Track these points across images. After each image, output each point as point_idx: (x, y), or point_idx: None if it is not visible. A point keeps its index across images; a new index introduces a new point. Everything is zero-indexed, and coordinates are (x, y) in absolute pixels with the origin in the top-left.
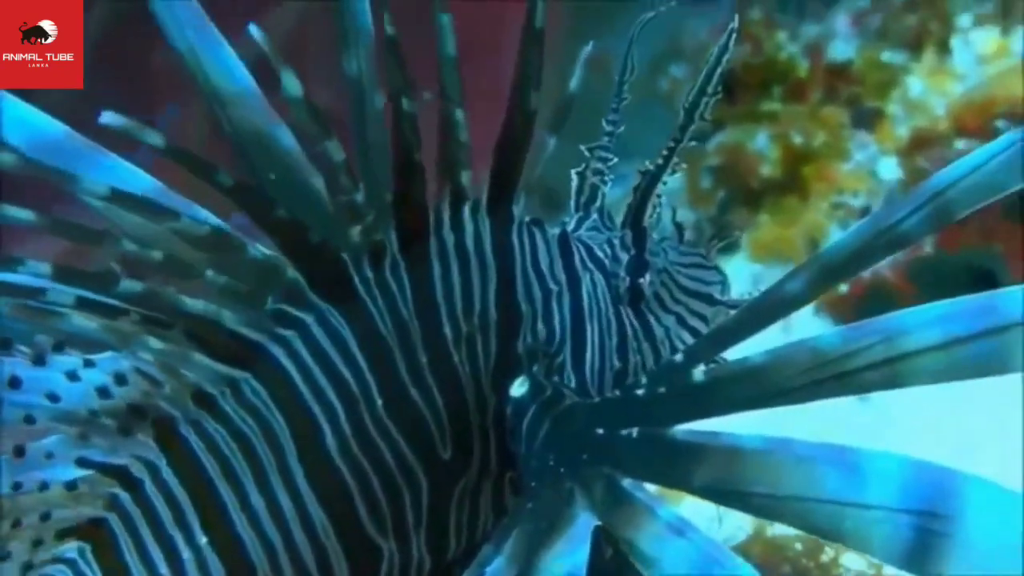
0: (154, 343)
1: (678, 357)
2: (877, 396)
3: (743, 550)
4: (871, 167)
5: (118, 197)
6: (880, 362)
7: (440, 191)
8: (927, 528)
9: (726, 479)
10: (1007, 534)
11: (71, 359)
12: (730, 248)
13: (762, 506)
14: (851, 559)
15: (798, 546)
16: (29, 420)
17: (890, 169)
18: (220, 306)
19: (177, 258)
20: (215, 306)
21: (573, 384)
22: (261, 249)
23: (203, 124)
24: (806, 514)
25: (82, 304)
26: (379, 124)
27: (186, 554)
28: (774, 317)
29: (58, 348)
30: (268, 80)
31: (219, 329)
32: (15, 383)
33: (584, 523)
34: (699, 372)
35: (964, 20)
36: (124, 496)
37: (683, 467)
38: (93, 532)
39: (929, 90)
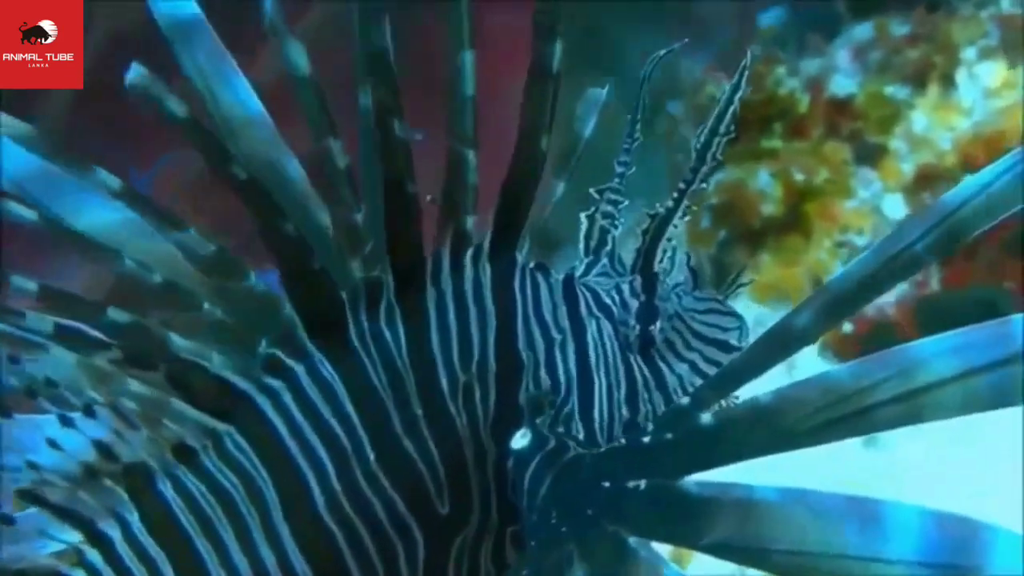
0: (135, 387)
1: (684, 401)
2: (885, 441)
3: None
4: (876, 204)
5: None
6: (896, 397)
7: (442, 236)
8: None
9: (741, 536)
10: None
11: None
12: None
13: (779, 564)
14: None
15: None
16: None
17: (895, 206)
18: (210, 346)
19: (176, 284)
20: (204, 348)
21: (581, 435)
22: (262, 282)
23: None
24: (828, 572)
25: (61, 334)
26: None
27: None
28: (783, 354)
29: (31, 395)
30: (279, 111)
31: (206, 375)
32: None
33: None
34: (707, 417)
35: (969, 53)
36: (92, 552)
37: (694, 523)
38: None
39: (934, 125)
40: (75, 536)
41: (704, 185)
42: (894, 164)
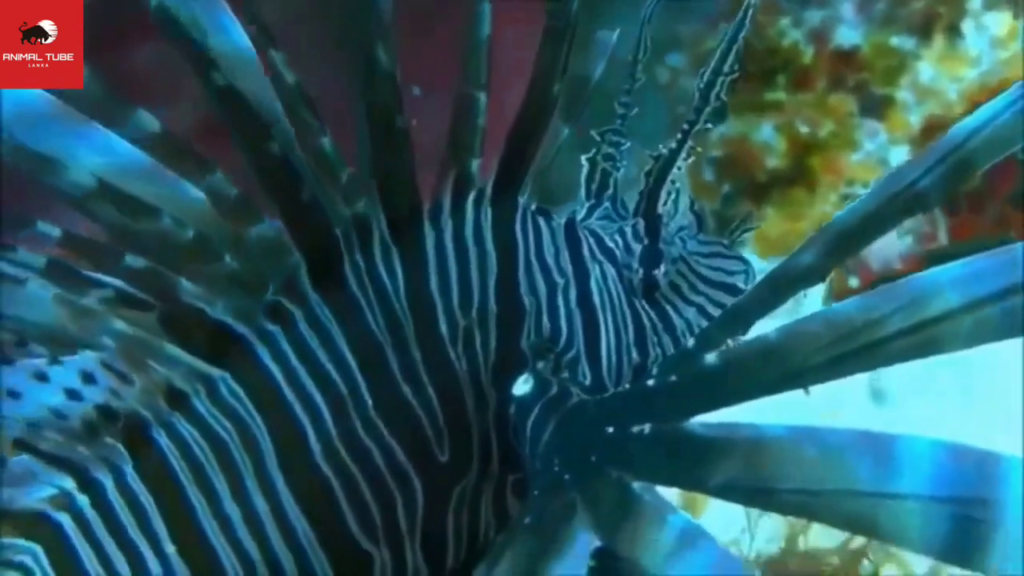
0: (119, 326)
1: (690, 343)
2: (893, 396)
3: (777, 565)
4: (882, 156)
5: (105, 192)
6: (905, 329)
7: (445, 177)
8: (967, 516)
9: (748, 476)
10: None
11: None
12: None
13: (788, 503)
14: (891, 572)
15: (835, 559)
16: None
17: (902, 158)
18: (221, 293)
19: (207, 237)
20: (212, 294)
21: (588, 380)
22: (273, 227)
23: (190, 121)
24: (838, 509)
25: (52, 271)
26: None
27: (152, 564)
28: (789, 293)
29: (21, 344)
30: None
31: (202, 318)
32: None
33: (582, 546)
34: (712, 357)
35: (975, 2)
36: (81, 498)
37: (700, 465)
38: (45, 533)
39: (941, 75)
40: (69, 482)
41: (708, 125)
42: (900, 115)
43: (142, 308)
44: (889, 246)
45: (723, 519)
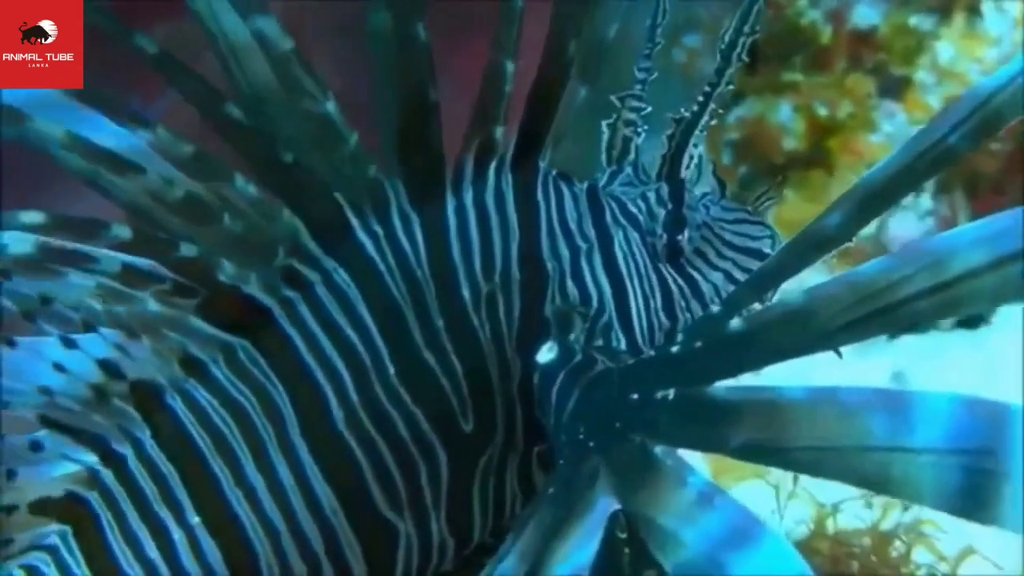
0: (152, 306)
1: (715, 308)
2: (912, 374)
3: (806, 546)
4: (901, 138)
5: (76, 144)
6: (928, 289)
7: (469, 143)
8: (979, 468)
9: (767, 436)
10: None
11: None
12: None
13: (802, 461)
14: (922, 555)
15: (866, 540)
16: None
17: None
18: (232, 258)
19: (198, 197)
20: (213, 255)
21: (623, 345)
22: (250, 186)
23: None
24: (851, 465)
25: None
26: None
27: (176, 535)
28: (816, 255)
29: (29, 319)
30: None
31: (218, 287)
32: None
33: (601, 511)
34: (737, 322)
35: None
36: (105, 473)
37: (721, 427)
38: (74, 513)
39: (961, 55)
40: (90, 457)
41: (731, 86)
42: (919, 96)
43: (190, 296)
44: (909, 229)
45: (751, 501)
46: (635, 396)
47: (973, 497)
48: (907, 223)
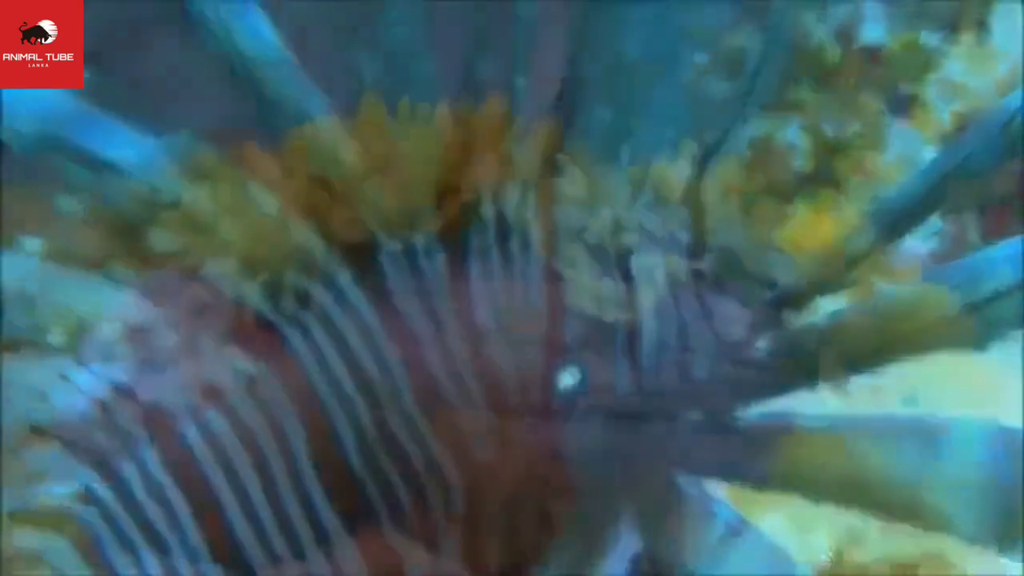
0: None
1: (738, 332)
2: (924, 399)
3: None
4: (913, 156)
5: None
6: (960, 310)
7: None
8: (1010, 501)
9: (791, 467)
10: None
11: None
12: None
13: (832, 493)
14: None
15: (886, 571)
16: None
17: (931, 157)
18: (244, 277)
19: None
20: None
21: (635, 371)
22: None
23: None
24: (881, 497)
25: None
26: None
27: (178, 557)
28: (835, 276)
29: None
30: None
31: (239, 308)
32: None
33: (624, 549)
34: (762, 345)
35: None
36: (105, 491)
37: (748, 457)
38: (73, 530)
39: (970, 72)
40: (89, 475)
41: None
42: (929, 114)
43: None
44: (916, 246)
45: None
46: (656, 424)
47: (1003, 531)
48: (914, 241)
